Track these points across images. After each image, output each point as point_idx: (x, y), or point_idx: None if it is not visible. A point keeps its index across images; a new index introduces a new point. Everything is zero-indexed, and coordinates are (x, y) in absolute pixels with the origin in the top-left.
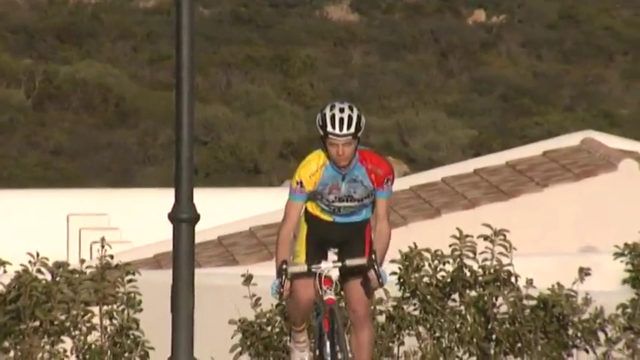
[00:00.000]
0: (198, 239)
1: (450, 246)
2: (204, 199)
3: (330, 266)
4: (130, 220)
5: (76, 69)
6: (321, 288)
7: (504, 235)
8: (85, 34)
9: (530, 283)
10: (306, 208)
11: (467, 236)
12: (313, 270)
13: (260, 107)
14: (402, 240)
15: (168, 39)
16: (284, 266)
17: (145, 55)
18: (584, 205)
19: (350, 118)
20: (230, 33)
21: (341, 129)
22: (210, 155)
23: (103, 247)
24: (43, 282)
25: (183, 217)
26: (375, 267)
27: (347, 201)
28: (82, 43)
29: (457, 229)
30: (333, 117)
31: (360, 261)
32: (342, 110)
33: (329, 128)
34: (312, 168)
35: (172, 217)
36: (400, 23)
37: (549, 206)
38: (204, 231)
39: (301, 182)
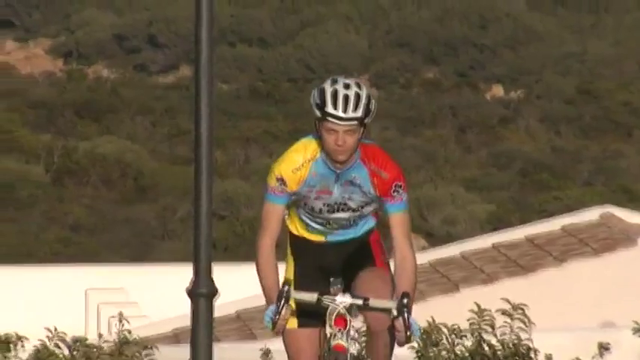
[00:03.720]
0: (216, 314)
1: (469, 320)
2: (223, 273)
3: (347, 302)
4: (148, 294)
5: (95, 144)
6: (330, 327)
7: (523, 310)
8: (104, 110)
9: (549, 358)
10: (289, 231)
11: (485, 311)
12: (325, 303)
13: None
14: (421, 315)
15: (187, 114)
16: (285, 287)
17: (164, 130)
18: (603, 280)
19: (357, 96)
20: (248, 108)
21: (345, 110)
22: (229, 230)
23: (121, 321)
24: (61, 357)
25: (202, 292)
26: (406, 315)
27: (339, 211)
28: (100, 118)
29: (475, 303)
30: (335, 94)
31: (388, 304)
32: (347, 86)
33: (328, 108)
34: (297, 161)
35: (191, 291)
36: (418, 98)
37: (568, 281)
38: (223, 305)
39: (282, 179)
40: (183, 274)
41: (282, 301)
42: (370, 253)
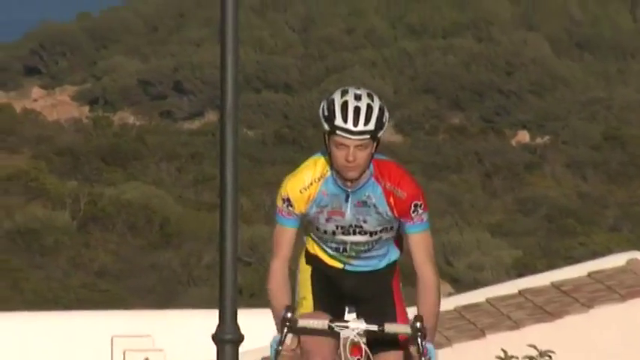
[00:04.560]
0: None
1: None
2: (249, 319)
3: (361, 327)
4: (174, 341)
5: (121, 191)
6: (346, 358)
7: (550, 357)
8: (130, 156)
9: None
10: (306, 248)
11: (512, 357)
12: (337, 329)
13: (303, 228)
14: None
15: (212, 160)
16: (288, 314)
17: (190, 176)
18: (630, 327)
19: (369, 108)
20: (274, 154)
21: (355, 123)
22: (255, 275)
23: None
24: None
25: (228, 338)
26: (420, 340)
27: (354, 233)
28: (126, 164)
29: (502, 350)
30: (344, 106)
31: (403, 328)
32: (357, 97)
33: (337, 121)
34: (305, 180)
35: (216, 338)
36: (444, 144)
37: (595, 327)
38: (248, 352)
39: (288, 199)
40: (208, 319)
41: (286, 330)
42: (390, 285)
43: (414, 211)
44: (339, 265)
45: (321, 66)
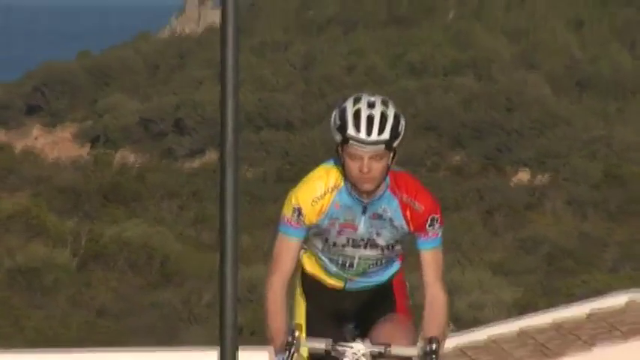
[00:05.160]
0: None
1: None
2: (249, 358)
3: (366, 350)
4: None
5: (122, 229)
6: None
7: None
8: (131, 194)
9: None
10: (302, 268)
11: None
12: (340, 350)
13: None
14: None
15: (213, 198)
16: (296, 333)
17: (190, 214)
18: None
19: (383, 117)
20: (275, 192)
21: (369, 132)
22: (255, 314)
23: None
24: None
25: None
26: None
27: (366, 247)
28: (127, 203)
29: None
30: (357, 114)
31: (412, 351)
32: (371, 105)
33: (350, 131)
34: (318, 189)
35: None
36: (445, 182)
37: None
38: None
39: (299, 209)
40: (209, 358)
41: (292, 350)
42: (392, 296)
43: (430, 225)
44: (339, 285)
45: (322, 104)
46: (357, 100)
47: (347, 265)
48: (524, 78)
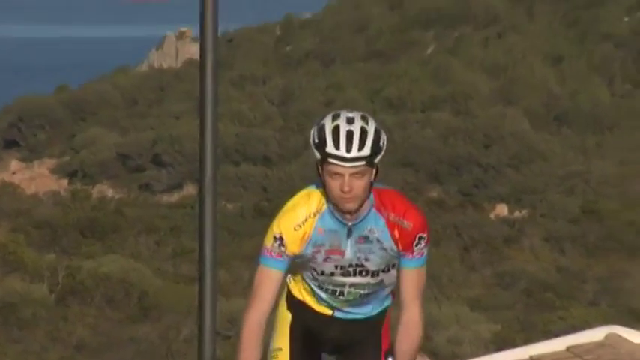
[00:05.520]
0: None
1: None
2: None
3: None
4: None
5: (99, 263)
6: None
7: None
8: (108, 229)
9: None
10: (288, 291)
11: None
12: None
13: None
14: None
15: (191, 233)
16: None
17: (168, 248)
18: None
19: (363, 132)
20: (252, 227)
21: (349, 149)
22: (234, 348)
23: None
24: None
25: None
26: None
27: (354, 274)
28: (105, 237)
29: None
30: (336, 130)
31: None
32: (350, 121)
33: (329, 148)
34: (299, 216)
35: None
36: None
37: None
38: None
39: (280, 238)
40: None
41: None
42: (378, 342)
43: (417, 244)
44: (328, 312)
45: (300, 139)
46: (335, 117)
47: (337, 292)
48: (502, 113)
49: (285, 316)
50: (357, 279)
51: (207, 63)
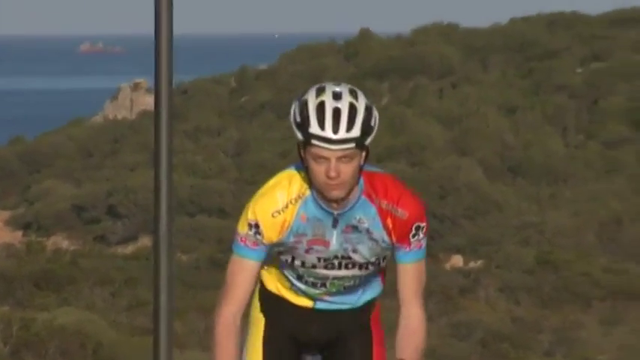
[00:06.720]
0: None
1: None
2: None
3: None
4: None
5: (54, 316)
6: None
7: None
8: (63, 281)
9: None
10: (261, 284)
11: None
12: None
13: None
14: None
15: (146, 284)
16: None
17: (124, 300)
18: None
19: (353, 109)
20: (208, 278)
21: (335, 130)
22: None
23: None
24: None
25: None
26: None
27: (340, 267)
28: (59, 289)
29: None
30: (321, 107)
31: None
32: (337, 96)
33: (313, 128)
34: (279, 200)
35: None
36: None
37: None
38: None
39: (256, 225)
40: None
41: None
42: (369, 340)
43: (414, 235)
44: (308, 304)
45: (255, 190)
46: (320, 91)
47: (319, 284)
48: (457, 164)
49: (258, 320)
50: (343, 272)
51: (162, 113)
